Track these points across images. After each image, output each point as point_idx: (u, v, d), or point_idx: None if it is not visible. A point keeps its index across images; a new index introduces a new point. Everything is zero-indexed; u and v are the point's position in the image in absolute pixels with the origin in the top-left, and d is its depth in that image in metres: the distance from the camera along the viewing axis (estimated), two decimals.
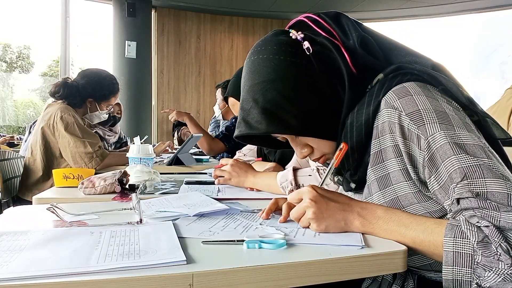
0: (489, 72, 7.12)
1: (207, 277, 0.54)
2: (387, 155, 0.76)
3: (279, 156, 1.66)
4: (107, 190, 1.22)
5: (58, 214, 0.84)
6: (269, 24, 6.74)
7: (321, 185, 0.80)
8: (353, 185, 0.86)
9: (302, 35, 0.82)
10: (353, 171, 0.83)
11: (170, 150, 3.07)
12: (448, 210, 0.68)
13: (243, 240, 0.66)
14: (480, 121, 0.76)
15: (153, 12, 6.19)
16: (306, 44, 0.81)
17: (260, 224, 0.80)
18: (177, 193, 1.23)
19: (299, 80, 0.79)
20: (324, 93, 0.80)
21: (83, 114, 2.30)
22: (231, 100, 1.80)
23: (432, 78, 0.76)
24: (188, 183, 1.45)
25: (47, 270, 0.53)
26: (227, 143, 2.72)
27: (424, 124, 0.69)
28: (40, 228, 0.77)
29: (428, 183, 0.70)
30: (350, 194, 0.89)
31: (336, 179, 0.93)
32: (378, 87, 0.77)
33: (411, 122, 0.71)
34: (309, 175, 1.22)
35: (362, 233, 0.72)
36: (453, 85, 0.75)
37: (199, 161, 2.58)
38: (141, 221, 0.81)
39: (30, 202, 1.29)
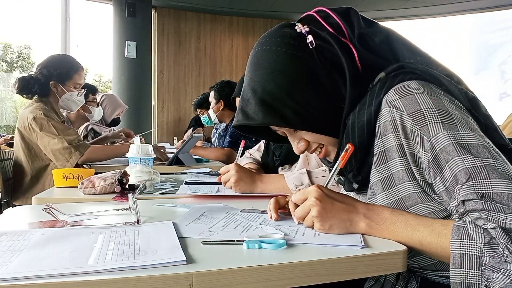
0: (489, 72, 7.12)
1: (207, 277, 0.54)
2: (391, 155, 0.74)
3: (285, 151, 1.62)
4: (107, 190, 1.22)
5: (54, 214, 0.84)
6: (269, 24, 6.74)
7: (326, 185, 0.79)
8: (355, 186, 0.85)
9: (307, 29, 0.81)
10: (356, 172, 0.82)
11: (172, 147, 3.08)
12: (454, 211, 0.67)
13: (243, 240, 0.66)
14: (483, 124, 0.74)
15: (153, 12, 6.19)
16: (309, 38, 0.80)
17: (260, 224, 0.80)
18: (176, 193, 1.23)
19: (299, 74, 0.79)
20: (324, 88, 0.79)
21: (56, 102, 2.19)
22: (238, 100, 1.74)
23: (434, 78, 0.74)
24: (187, 183, 1.44)
25: (47, 270, 0.53)
26: (236, 147, 2.73)
27: (427, 124, 0.68)
28: (40, 228, 0.77)
29: (434, 185, 0.69)
30: (352, 194, 0.88)
31: (337, 178, 0.92)
32: (380, 86, 0.76)
33: (413, 122, 0.69)
34: (323, 176, 1.20)
35: (366, 235, 0.71)
36: (455, 88, 0.73)
37: (199, 161, 2.58)
38: (138, 221, 0.81)
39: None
